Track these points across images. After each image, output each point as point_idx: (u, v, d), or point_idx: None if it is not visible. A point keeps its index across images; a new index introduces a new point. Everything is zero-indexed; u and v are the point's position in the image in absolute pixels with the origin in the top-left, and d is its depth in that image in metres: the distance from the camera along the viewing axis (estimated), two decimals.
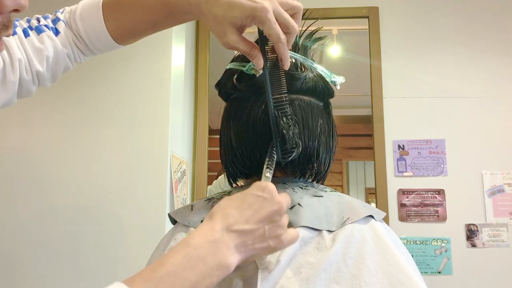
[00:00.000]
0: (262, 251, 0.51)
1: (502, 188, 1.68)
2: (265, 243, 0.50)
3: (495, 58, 1.78)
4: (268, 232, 0.50)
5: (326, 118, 0.68)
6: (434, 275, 1.64)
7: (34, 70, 0.65)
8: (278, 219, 0.50)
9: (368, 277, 0.53)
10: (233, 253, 0.48)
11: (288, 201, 0.53)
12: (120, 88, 1.51)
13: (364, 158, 2.25)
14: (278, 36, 0.55)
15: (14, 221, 1.45)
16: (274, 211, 0.50)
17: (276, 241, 0.50)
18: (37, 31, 0.65)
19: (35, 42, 0.65)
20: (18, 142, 1.50)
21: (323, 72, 0.67)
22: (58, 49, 0.67)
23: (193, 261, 0.46)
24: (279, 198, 0.51)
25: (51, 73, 0.68)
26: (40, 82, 0.68)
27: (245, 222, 0.49)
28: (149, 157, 1.45)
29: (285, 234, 0.51)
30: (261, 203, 0.50)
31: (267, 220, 0.50)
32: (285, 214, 0.52)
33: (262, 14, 0.54)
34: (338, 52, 1.97)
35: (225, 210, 0.50)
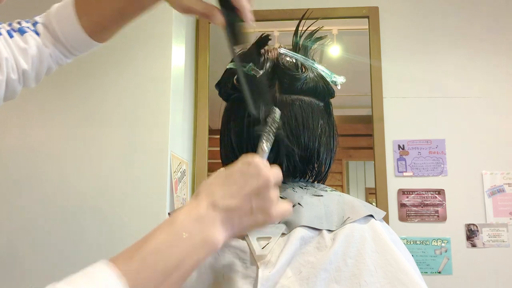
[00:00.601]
0: (251, 225, 0.50)
1: (502, 188, 1.68)
2: (253, 217, 0.49)
3: (495, 58, 1.78)
4: (255, 206, 0.49)
5: (327, 118, 0.68)
6: (434, 275, 1.64)
7: (20, 69, 0.66)
8: (265, 192, 0.49)
9: (368, 276, 0.53)
10: (220, 229, 0.47)
11: (277, 174, 0.51)
12: (120, 88, 1.51)
13: (364, 158, 2.25)
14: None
15: (14, 221, 1.45)
16: (260, 185, 0.49)
17: (264, 215, 0.49)
18: (20, 32, 0.67)
19: (19, 42, 0.66)
20: (18, 142, 1.50)
21: (324, 72, 0.68)
22: (41, 49, 0.68)
23: (177, 239, 0.45)
24: (265, 171, 0.49)
25: (35, 72, 0.69)
26: (25, 82, 0.69)
27: (230, 198, 0.48)
28: (149, 157, 1.45)
29: (274, 207, 0.49)
30: (247, 177, 0.49)
31: (253, 194, 0.49)
32: (273, 187, 0.50)
33: None
34: (338, 52, 1.98)
35: (210, 187, 0.49)
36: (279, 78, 0.66)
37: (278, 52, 0.68)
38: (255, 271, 0.54)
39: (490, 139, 1.72)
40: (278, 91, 0.65)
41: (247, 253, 0.56)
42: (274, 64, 0.66)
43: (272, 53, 0.68)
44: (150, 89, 1.50)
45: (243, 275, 0.55)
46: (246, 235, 0.58)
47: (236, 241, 0.58)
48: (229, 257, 0.56)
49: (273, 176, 0.50)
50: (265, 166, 0.50)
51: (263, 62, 0.66)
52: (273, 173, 0.50)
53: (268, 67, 0.66)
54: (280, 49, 0.68)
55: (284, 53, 0.67)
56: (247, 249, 0.57)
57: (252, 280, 0.54)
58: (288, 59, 0.67)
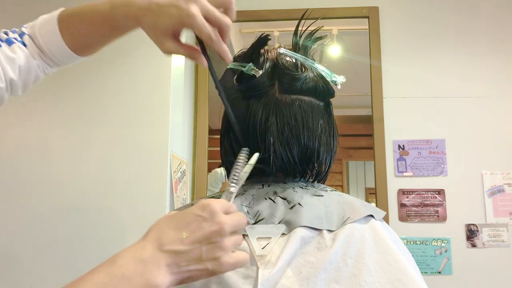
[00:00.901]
0: (199, 273, 0.48)
1: (502, 188, 1.68)
2: (202, 265, 0.47)
3: (495, 58, 1.78)
4: (205, 253, 0.47)
5: (327, 118, 0.68)
6: (434, 275, 1.64)
7: (8, 78, 0.67)
8: (218, 240, 0.47)
9: (368, 276, 0.53)
10: (164, 273, 0.45)
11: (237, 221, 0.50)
12: (120, 88, 1.51)
13: (364, 158, 2.25)
14: (208, 36, 0.58)
15: (13, 221, 1.45)
16: (212, 232, 0.47)
17: (214, 263, 0.47)
18: (8, 42, 0.68)
19: (7, 52, 0.67)
20: (18, 142, 1.50)
21: (324, 71, 0.67)
22: (29, 60, 0.70)
23: (116, 281, 0.44)
24: (220, 218, 0.48)
25: (22, 82, 0.71)
26: (12, 91, 0.70)
27: (179, 242, 0.47)
28: (149, 157, 1.45)
29: (225, 257, 0.48)
30: (199, 222, 0.48)
31: (204, 241, 0.47)
32: (228, 235, 0.48)
33: (189, 20, 0.57)
34: (338, 52, 1.98)
35: (161, 229, 0.48)
36: (278, 78, 0.65)
37: (277, 52, 0.68)
38: (255, 271, 0.54)
39: (490, 139, 1.72)
40: (278, 91, 0.65)
41: (248, 253, 0.56)
42: (273, 64, 0.66)
43: (272, 53, 0.68)
44: (150, 89, 1.50)
45: (243, 275, 0.55)
46: (246, 235, 0.58)
47: None
48: None
49: (230, 224, 0.48)
50: (221, 212, 0.49)
51: (263, 62, 0.66)
52: (231, 220, 0.49)
53: (267, 67, 0.66)
54: (279, 49, 0.68)
55: (283, 53, 0.67)
56: (247, 249, 0.57)
57: (252, 280, 0.54)
58: (287, 59, 0.67)
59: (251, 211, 0.61)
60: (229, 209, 0.51)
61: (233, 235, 0.50)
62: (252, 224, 0.59)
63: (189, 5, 0.57)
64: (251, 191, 0.65)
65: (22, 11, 1.59)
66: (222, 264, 0.48)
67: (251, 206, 0.62)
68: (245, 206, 0.62)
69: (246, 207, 0.62)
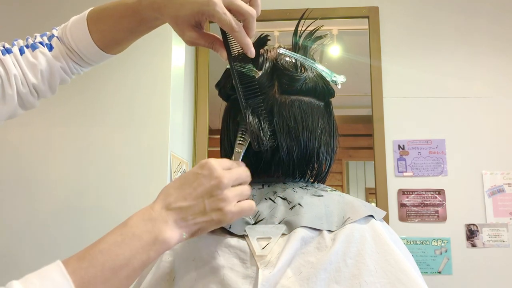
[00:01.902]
0: (206, 224, 0.52)
1: (502, 188, 1.68)
2: (207, 216, 0.51)
3: (495, 58, 1.78)
4: (208, 206, 0.51)
5: (327, 118, 0.68)
6: (434, 275, 1.64)
7: (30, 83, 0.72)
8: (218, 193, 0.51)
9: (368, 276, 0.53)
10: (172, 228, 0.50)
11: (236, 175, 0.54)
12: (120, 88, 1.51)
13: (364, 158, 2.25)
14: (230, 25, 0.57)
15: (13, 221, 1.45)
16: (212, 185, 0.51)
17: (218, 213, 0.51)
18: (32, 48, 0.73)
19: (29, 58, 0.72)
20: (18, 142, 1.50)
21: (324, 71, 0.67)
22: (51, 63, 0.73)
23: (128, 239, 0.48)
24: (217, 172, 0.52)
25: (48, 85, 0.75)
26: (39, 94, 0.75)
27: (183, 199, 0.51)
28: (149, 157, 1.45)
29: (228, 206, 0.52)
30: (200, 179, 0.52)
31: (206, 195, 0.51)
32: (229, 188, 0.52)
33: (209, 7, 0.56)
34: (338, 52, 1.98)
35: (167, 191, 0.53)
36: (278, 78, 0.65)
37: (277, 52, 0.67)
38: (255, 271, 0.54)
39: (490, 139, 1.72)
40: (278, 91, 0.65)
41: (247, 253, 0.56)
42: (273, 64, 0.66)
43: (271, 53, 0.68)
44: (150, 89, 1.50)
45: (243, 275, 0.55)
46: (246, 235, 0.58)
47: (236, 241, 0.58)
48: (229, 257, 0.56)
49: (228, 177, 0.52)
50: (220, 168, 0.53)
51: (262, 62, 0.66)
52: (229, 174, 0.53)
53: (267, 68, 0.65)
54: (279, 49, 0.68)
55: (283, 53, 0.67)
56: (247, 249, 0.57)
57: (252, 280, 0.54)
58: (287, 59, 0.66)
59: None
60: (230, 166, 0.55)
61: (236, 187, 0.54)
62: (252, 225, 0.59)
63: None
64: (251, 191, 0.65)
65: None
66: (226, 213, 0.52)
67: None
68: None
69: None
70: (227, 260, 0.56)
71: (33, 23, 1.57)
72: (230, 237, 0.58)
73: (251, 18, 0.59)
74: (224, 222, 0.53)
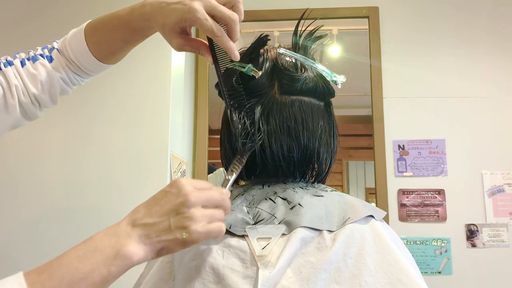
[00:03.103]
0: (170, 243, 0.51)
1: (502, 188, 1.68)
2: (171, 235, 0.51)
3: (496, 58, 1.78)
4: (173, 224, 0.51)
5: (327, 118, 0.68)
6: (434, 275, 1.64)
7: (31, 93, 0.75)
8: (185, 211, 0.51)
9: (368, 276, 0.53)
10: (135, 244, 0.49)
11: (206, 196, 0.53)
12: (120, 88, 1.51)
13: (364, 158, 2.25)
14: (211, 31, 0.59)
15: (13, 222, 1.45)
16: (178, 203, 0.51)
17: (184, 232, 0.51)
18: (33, 60, 0.76)
19: (30, 69, 0.75)
20: (18, 142, 1.50)
21: (324, 71, 0.67)
22: (51, 74, 0.76)
23: (89, 253, 0.48)
24: (186, 190, 0.51)
25: (48, 95, 0.78)
26: (40, 104, 0.78)
27: (149, 216, 0.51)
28: (149, 157, 1.45)
29: (194, 226, 0.50)
30: (168, 197, 0.52)
31: (172, 213, 0.51)
32: (197, 206, 0.51)
33: (191, 15, 0.59)
34: (338, 52, 1.97)
35: (136, 208, 0.53)
36: (278, 78, 0.65)
37: (277, 52, 0.67)
38: (255, 271, 0.54)
39: (490, 139, 1.72)
40: (278, 91, 0.65)
41: (247, 253, 0.56)
42: (273, 64, 0.66)
43: (271, 52, 0.67)
44: (150, 89, 1.50)
45: (243, 275, 0.55)
46: (246, 235, 0.58)
47: (236, 241, 0.58)
48: (229, 257, 0.56)
49: (196, 196, 0.52)
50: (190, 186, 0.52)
51: (262, 62, 0.66)
52: (198, 193, 0.52)
53: (267, 67, 0.65)
54: (279, 49, 0.68)
55: (283, 53, 0.67)
56: (247, 249, 0.56)
57: (252, 281, 0.54)
58: (287, 59, 0.66)
59: (251, 212, 0.61)
60: (203, 187, 0.54)
61: (207, 209, 0.53)
62: (252, 225, 0.59)
63: (193, 1, 0.59)
64: (251, 191, 0.65)
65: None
66: (192, 232, 0.50)
67: (251, 206, 0.62)
68: (245, 206, 0.62)
69: (246, 207, 0.62)
70: (227, 260, 0.56)
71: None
72: (230, 237, 0.58)
73: (233, 23, 0.60)
74: (189, 242, 0.51)
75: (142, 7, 0.66)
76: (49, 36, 0.96)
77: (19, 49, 0.80)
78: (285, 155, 0.63)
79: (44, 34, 1.55)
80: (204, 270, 0.56)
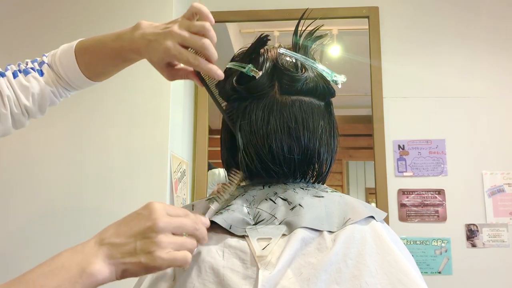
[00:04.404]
0: (133, 266, 0.50)
1: (502, 188, 1.68)
2: (136, 258, 0.50)
3: (495, 58, 1.77)
4: (139, 247, 0.50)
5: (328, 118, 0.67)
6: (434, 275, 1.64)
7: (22, 105, 0.77)
8: (152, 235, 0.50)
9: (368, 277, 0.53)
10: (100, 263, 0.49)
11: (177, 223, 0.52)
12: (120, 88, 1.51)
13: (364, 158, 2.25)
14: (187, 61, 0.64)
15: (13, 222, 1.45)
16: (147, 227, 0.51)
17: (147, 257, 0.50)
18: (25, 73, 0.78)
19: (22, 81, 0.77)
20: (18, 142, 1.50)
21: (324, 71, 0.67)
22: (43, 88, 0.79)
23: (56, 270, 0.48)
24: (156, 215, 0.51)
25: (38, 107, 0.80)
26: (29, 115, 0.80)
27: (116, 236, 0.51)
28: (149, 157, 1.45)
29: (159, 252, 0.50)
30: (137, 219, 0.52)
31: (139, 235, 0.51)
32: (165, 233, 0.51)
33: (166, 54, 0.65)
34: (338, 52, 1.97)
35: (106, 227, 0.53)
36: (278, 78, 0.65)
37: (277, 52, 0.67)
38: (255, 272, 0.54)
39: (490, 139, 1.72)
40: (278, 92, 0.65)
41: (248, 253, 0.56)
42: (273, 64, 0.66)
43: (272, 52, 0.67)
44: (150, 89, 1.50)
45: (243, 275, 0.54)
46: (246, 236, 0.57)
47: (236, 242, 0.58)
48: (230, 258, 0.56)
49: (166, 222, 0.51)
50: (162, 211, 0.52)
51: (263, 62, 0.66)
52: (168, 219, 0.52)
53: (267, 67, 0.65)
54: (279, 49, 0.68)
55: (283, 52, 0.67)
56: (247, 250, 0.56)
57: (252, 281, 0.54)
58: (287, 59, 0.66)
59: (252, 212, 0.61)
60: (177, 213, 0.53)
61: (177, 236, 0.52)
62: (252, 225, 0.59)
63: (165, 40, 0.64)
64: (252, 192, 0.65)
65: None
66: (156, 258, 0.50)
67: (251, 206, 0.62)
68: (245, 206, 0.62)
69: (247, 208, 0.62)
70: (227, 260, 0.56)
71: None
72: (230, 237, 0.58)
73: (205, 51, 0.64)
74: (152, 268, 0.51)
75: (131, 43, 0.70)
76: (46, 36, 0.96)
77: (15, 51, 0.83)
78: (286, 155, 0.63)
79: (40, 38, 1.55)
80: (204, 271, 0.56)
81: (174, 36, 0.64)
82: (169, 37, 0.64)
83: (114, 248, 0.50)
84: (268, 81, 0.65)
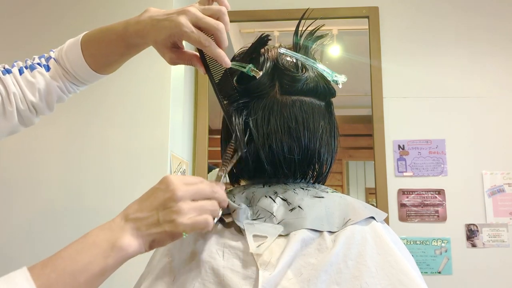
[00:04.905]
0: (160, 235, 0.54)
1: (502, 188, 1.68)
2: (160, 227, 0.53)
3: (495, 58, 1.78)
4: (162, 217, 0.53)
5: (328, 118, 0.67)
6: (434, 275, 1.64)
7: (28, 101, 0.78)
8: (172, 205, 0.53)
9: (368, 278, 0.53)
10: (129, 237, 0.53)
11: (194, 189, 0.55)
12: (120, 88, 1.51)
13: (364, 158, 2.25)
14: (199, 41, 0.62)
15: (13, 222, 1.45)
16: (166, 198, 0.54)
17: (171, 225, 0.53)
18: (31, 68, 0.79)
19: (28, 78, 0.77)
20: (18, 142, 1.50)
21: (325, 71, 0.67)
22: (48, 82, 0.79)
23: (87, 246, 0.52)
24: (173, 186, 0.55)
25: (45, 103, 0.80)
26: (37, 111, 0.81)
27: (140, 211, 0.54)
28: (149, 157, 1.45)
29: (180, 219, 0.53)
30: (156, 193, 0.56)
31: (160, 207, 0.54)
32: (185, 200, 0.54)
33: (178, 29, 0.62)
34: (338, 52, 1.98)
35: (129, 205, 0.56)
36: (279, 78, 0.65)
37: (278, 52, 0.67)
38: (255, 272, 0.54)
39: (490, 139, 1.72)
40: (278, 92, 0.65)
41: (248, 254, 0.56)
42: (274, 64, 0.66)
43: (272, 52, 0.67)
44: (150, 89, 1.50)
45: (243, 276, 0.54)
46: (243, 229, 0.58)
47: (236, 242, 0.58)
48: (229, 258, 0.56)
49: (184, 190, 0.54)
50: (178, 182, 0.55)
51: (263, 62, 0.66)
52: (185, 187, 0.55)
53: (268, 67, 0.65)
54: (280, 49, 0.68)
55: (284, 52, 0.67)
56: (247, 250, 0.56)
57: (252, 281, 0.54)
58: (288, 59, 0.66)
59: (251, 208, 0.61)
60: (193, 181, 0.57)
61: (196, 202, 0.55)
62: (250, 220, 0.59)
63: (179, 16, 0.62)
64: (251, 189, 0.65)
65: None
66: (178, 225, 0.53)
67: (251, 204, 0.62)
68: (244, 203, 0.62)
69: (246, 204, 0.62)
70: (227, 260, 0.56)
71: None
72: (230, 237, 0.58)
73: (218, 32, 0.63)
74: (177, 234, 0.54)
75: (136, 24, 0.69)
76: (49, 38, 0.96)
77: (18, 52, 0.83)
78: (286, 155, 0.63)
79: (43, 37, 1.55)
80: (204, 271, 0.56)
81: (188, 14, 0.63)
82: (183, 14, 0.63)
83: (139, 222, 0.53)
84: (268, 81, 0.65)
